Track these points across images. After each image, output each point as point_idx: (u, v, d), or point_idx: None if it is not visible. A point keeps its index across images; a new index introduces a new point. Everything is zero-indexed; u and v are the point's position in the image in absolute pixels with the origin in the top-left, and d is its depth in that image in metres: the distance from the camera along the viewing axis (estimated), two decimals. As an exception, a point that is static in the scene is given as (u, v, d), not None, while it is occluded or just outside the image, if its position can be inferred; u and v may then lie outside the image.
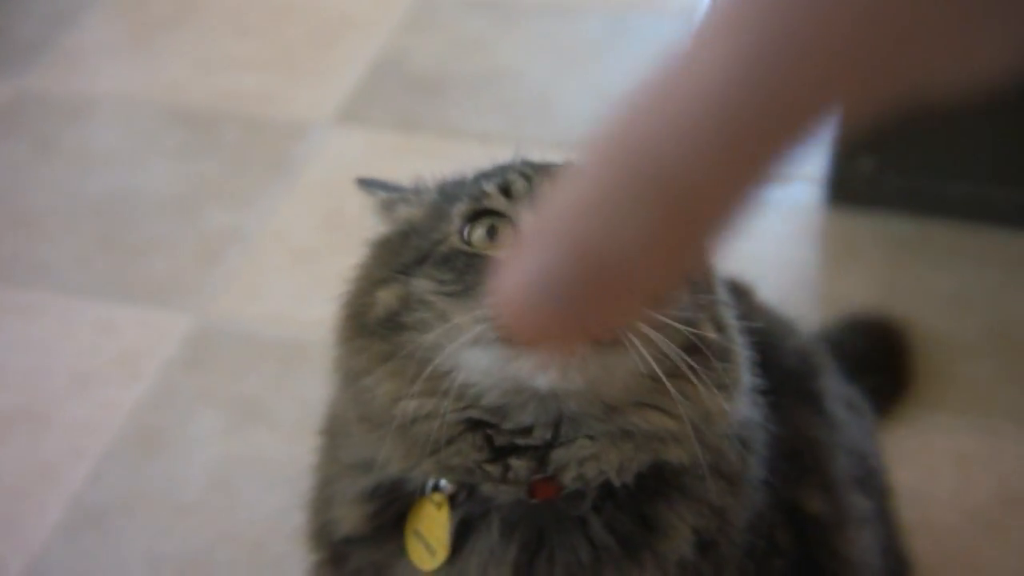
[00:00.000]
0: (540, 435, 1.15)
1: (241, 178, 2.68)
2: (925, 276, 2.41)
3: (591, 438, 1.14)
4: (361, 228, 1.31)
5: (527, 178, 1.17)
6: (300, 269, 2.44)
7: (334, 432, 1.32)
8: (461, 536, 1.20)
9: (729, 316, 1.24)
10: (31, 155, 2.77)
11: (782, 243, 2.50)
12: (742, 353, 1.23)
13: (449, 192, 1.25)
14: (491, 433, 1.15)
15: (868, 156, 2.49)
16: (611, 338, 1.07)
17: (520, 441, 1.15)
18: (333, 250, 2.44)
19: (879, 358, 2.15)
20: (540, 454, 1.15)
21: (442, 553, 1.20)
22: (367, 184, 1.32)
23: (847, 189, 2.55)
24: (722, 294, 1.25)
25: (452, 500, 1.19)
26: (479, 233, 1.15)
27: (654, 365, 1.09)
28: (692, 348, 1.15)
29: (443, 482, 1.19)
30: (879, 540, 1.58)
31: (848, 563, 1.46)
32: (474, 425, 1.15)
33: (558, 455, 1.15)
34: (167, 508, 2.01)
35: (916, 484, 1.99)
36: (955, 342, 2.28)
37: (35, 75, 3.01)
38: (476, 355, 1.10)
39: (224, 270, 2.44)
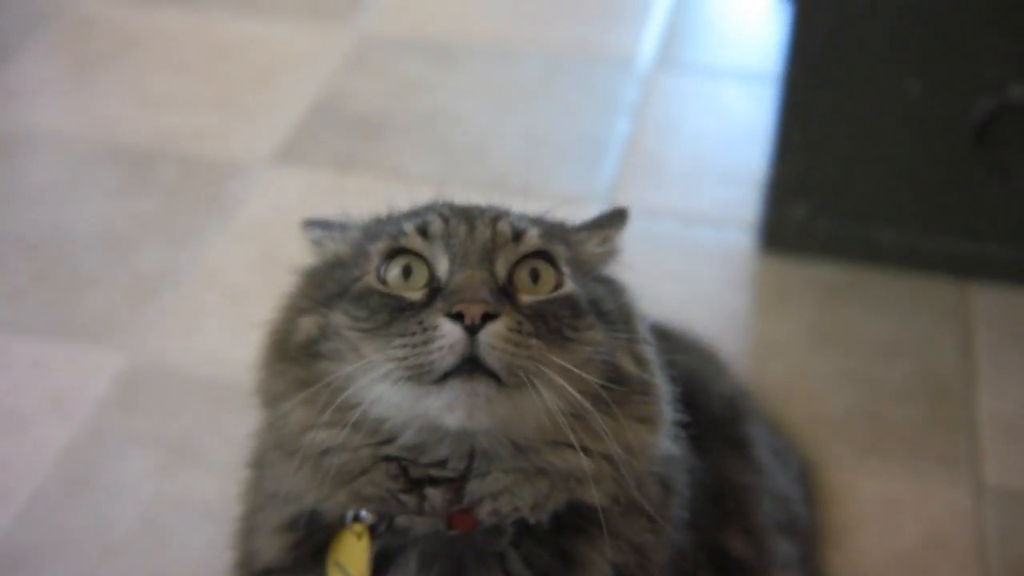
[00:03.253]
0: (454, 467, 1.16)
1: (176, 217, 2.67)
2: (856, 322, 2.44)
3: (505, 472, 1.16)
4: (295, 270, 1.32)
5: (445, 220, 1.20)
6: (233, 309, 2.44)
7: (260, 463, 1.33)
8: (380, 568, 1.21)
9: (649, 352, 1.26)
10: (-36, 190, 2.75)
11: (715, 288, 2.51)
12: (663, 387, 1.25)
13: (373, 230, 1.29)
14: (406, 464, 1.16)
15: (800, 202, 2.51)
16: (516, 380, 1.09)
17: (434, 472, 1.16)
18: (267, 290, 2.36)
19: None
20: (456, 486, 1.17)
21: None
22: (311, 225, 1.35)
23: (779, 235, 2.57)
24: (642, 330, 1.27)
25: (372, 531, 1.21)
26: (395, 272, 1.19)
27: (564, 404, 1.11)
28: (612, 382, 1.17)
29: (363, 513, 1.20)
30: (803, 585, 1.60)
31: (772, 608, 1.47)
32: (388, 457, 1.16)
33: (473, 487, 1.17)
34: (96, 548, 1.99)
35: (844, 527, 2.01)
36: (885, 387, 2.30)
37: (-32, 108, 2.99)
38: (389, 393, 1.13)
39: (157, 309, 2.43)
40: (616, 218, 1.36)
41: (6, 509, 2.05)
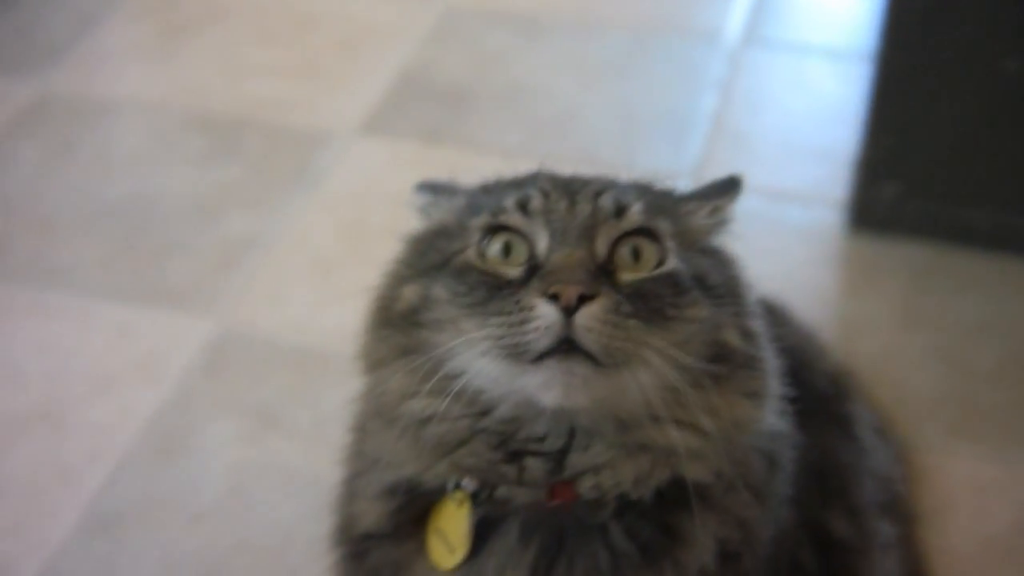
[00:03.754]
0: (553, 442, 1.15)
1: (263, 185, 2.68)
2: (946, 303, 2.41)
3: (607, 447, 1.15)
4: (382, 239, 1.32)
5: (545, 195, 1.18)
6: (320, 278, 2.44)
7: (362, 427, 1.33)
8: (481, 537, 1.21)
9: (757, 325, 1.24)
10: (52, 158, 2.76)
11: (803, 266, 2.49)
12: (770, 361, 1.23)
13: (475, 202, 1.27)
14: (505, 437, 1.16)
15: (891, 181, 2.48)
16: (613, 361, 1.08)
17: (534, 446, 1.16)
18: (353, 260, 2.43)
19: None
20: (556, 458, 1.16)
21: (461, 552, 1.21)
22: (423, 188, 1.34)
23: (869, 214, 2.54)
24: (750, 303, 1.25)
25: (473, 499, 1.20)
26: (495, 248, 1.17)
27: (664, 383, 1.09)
28: (717, 357, 1.15)
29: (464, 481, 1.19)
30: (902, 566, 1.58)
31: (871, 587, 1.46)
32: (487, 430, 1.16)
33: (574, 460, 1.16)
34: (183, 514, 2.00)
35: (935, 510, 1.99)
36: (975, 370, 2.27)
37: (58, 77, 3.01)
38: (487, 367, 1.11)
39: (244, 276, 2.44)
40: (729, 187, 1.33)
41: (95, 473, 2.06)
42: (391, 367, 1.19)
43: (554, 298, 1.08)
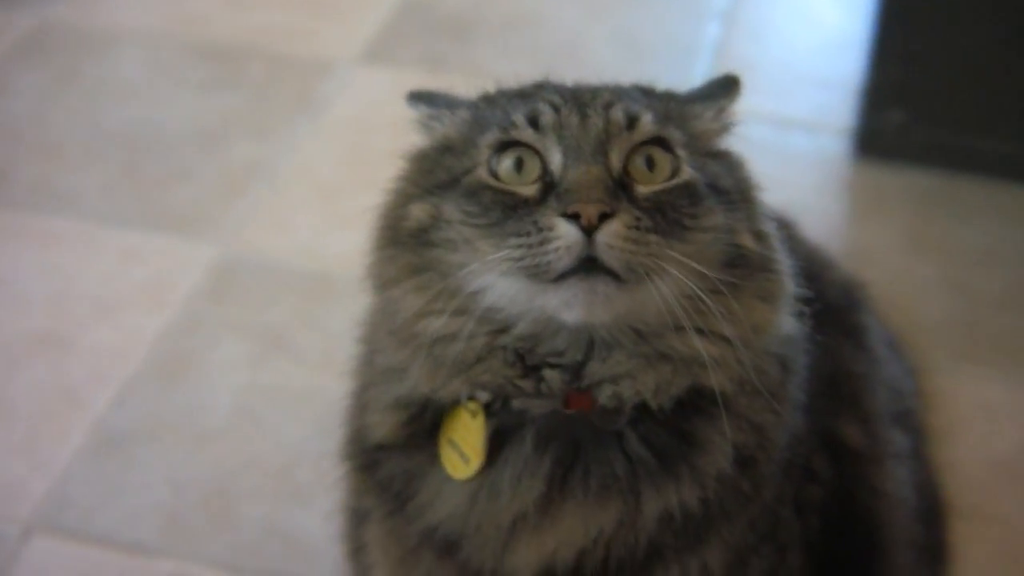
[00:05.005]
0: (572, 356, 1.15)
1: (266, 113, 2.67)
2: (952, 230, 2.40)
3: (627, 357, 1.14)
4: (386, 165, 1.30)
5: (556, 109, 1.16)
6: (323, 204, 2.43)
7: (371, 339, 1.32)
8: (495, 446, 1.20)
9: (769, 226, 1.22)
10: (55, 85, 2.75)
11: (809, 193, 2.49)
12: (784, 262, 1.22)
13: (482, 112, 1.25)
14: (522, 352, 1.15)
15: (897, 109, 2.48)
16: (635, 276, 1.07)
17: (552, 359, 1.15)
18: (357, 186, 2.42)
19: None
20: (574, 368, 1.15)
21: (476, 461, 1.20)
22: (416, 96, 1.31)
23: (875, 141, 2.54)
24: (761, 204, 1.24)
25: (487, 409, 1.19)
26: (506, 165, 1.14)
27: (684, 293, 1.09)
28: (733, 262, 1.15)
29: (479, 392, 1.18)
30: (915, 477, 1.58)
31: (884, 497, 1.46)
32: (504, 347, 1.15)
33: (592, 370, 1.15)
34: (191, 435, 2.00)
35: (944, 430, 1.99)
36: (981, 295, 2.27)
37: (60, 6, 2.99)
38: (504, 285, 1.10)
39: (248, 202, 2.43)
40: (728, 86, 1.31)
41: (101, 394, 2.06)
42: (402, 286, 1.18)
43: (574, 217, 1.06)
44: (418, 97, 1.31)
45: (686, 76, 2.75)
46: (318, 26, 2.94)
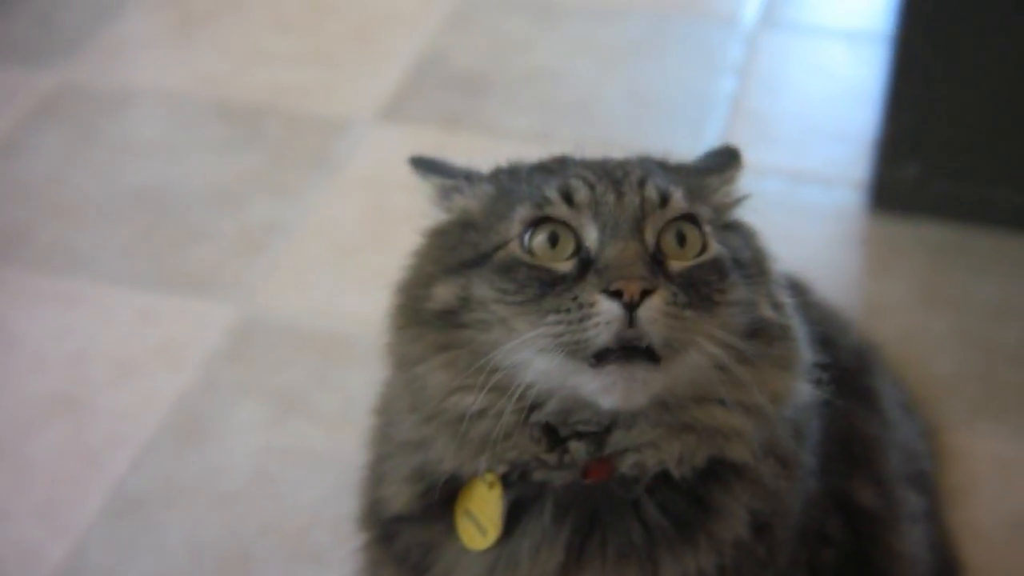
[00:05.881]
0: (597, 426, 1.15)
1: (283, 172, 2.68)
2: (968, 283, 2.40)
3: (652, 427, 1.15)
4: (403, 224, 1.30)
5: (591, 186, 1.17)
6: (342, 263, 2.44)
7: (387, 411, 1.32)
8: (512, 517, 1.21)
9: (784, 295, 1.24)
10: (73, 145, 2.77)
11: (824, 247, 2.49)
12: (800, 329, 1.23)
13: (505, 186, 1.25)
14: (552, 426, 1.15)
15: (912, 161, 2.48)
16: (671, 352, 1.08)
17: (580, 428, 1.15)
18: (374, 245, 2.44)
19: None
20: (598, 438, 1.16)
21: (493, 533, 1.20)
22: (420, 164, 1.31)
23: (890, 194, 2.54)
24: (776, 273, 1.25)
25: (504, 480, 1.20)
26: (540, 240, 1.15)
27: (713, 365, 1.10)
28: (754, 333, 1.15)
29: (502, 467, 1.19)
30: (930, 537, 1.58)
31: (900, 558, 1.46)
32: (533, 423, 1.15)
33: (616, 439, 1.15)
34: (208, 498, 2.01)
35: (960, 487, 1.99)
36: (997, 349, 2.26)
37: (78, 66, 3.02)
38: (540, 362, 1.11)
39: (266, 262, 2.44)
40: (733, 157, 1.33)
41: (120, 457, 2.07)
42: (429, 364, 1.18)
43: (616, 294, 1.07)
44: (421, 164, 1.31)
45: (700, 131, 2.76)
46: (334, 84, 2.95)
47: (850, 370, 1.51)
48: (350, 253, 2.46)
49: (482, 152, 1.40)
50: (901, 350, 2.20)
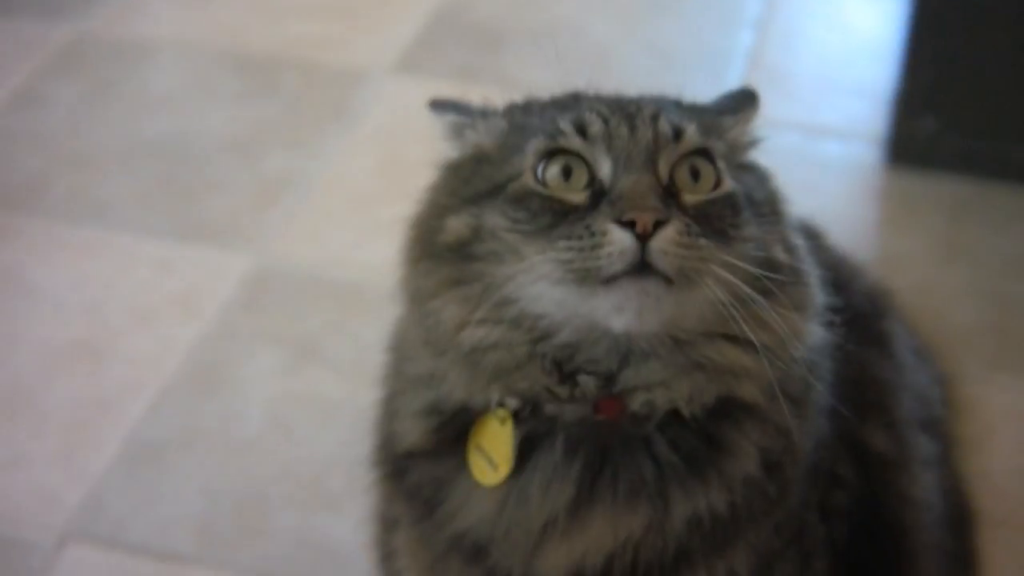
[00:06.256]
0: (608, 363, 1.15)
1: (300, 124, 2.69)
2: (984, 238, 2.40)
3: (663, 366, 1.15)
4: (419, 175, 1.31)
5: (604, 119, 1.17)
6: (358, 214, 2.45)
7: (401, 348, 1.33)
8: (524, 453, 1.21)
9: (797, 238, 1.24)
10: (91, 97, 2.78)
11: (841, 201, 2.49)
12: (813, 272, 1.23)
13: (519, 121, 1.25)
14: (560, 360, 1.16)
15: (930, 116, 2.47)
16: (686, 280, 1.08)
17: (588, 367, 1.16)
18: (390, 196, 2.43)
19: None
20: (608, 375, 1.16)
21: (504, 468, 1.21)
22: (437, 105, 1.32)
23: (907, 149, 2.54)
24: (789, 216, 1.26)
25: (516, 416, 1.20)
26: (554, 172, 1.15)
27: (728, 298, 1.10)
28: (767, 270, 1.16)
29: (508, 399, 1.19)
30: (942, 483, 1.58)
31: (910, 501, 1.46)
32: (543, 354, 1.16)
33: (627, 377, 1.16)
34: (224, 444, 2.02)
35: (975, 438, 1.99)
36: (1012, 302, 2.27)
37: (96, 19, 3.02)
38: (550, 291, 1.11)
39: (282, 213, 2.45)
40: (750, 99, 1.33)
41: (136, 404, 2.08)
42: (443, 298, 1.18)
43: (629, 225, 1.07)
44: (441, 105, 1.32)
45: (718, 85, 2.70)
46: (351, 36, 2.96)
47: (863, 314, 1.51)
48: (366, 204, 2.47)
49: (499, 104, 1.40)
50: (917, 302, 2.19)
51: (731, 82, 2.72)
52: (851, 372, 1.38)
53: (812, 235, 1.50)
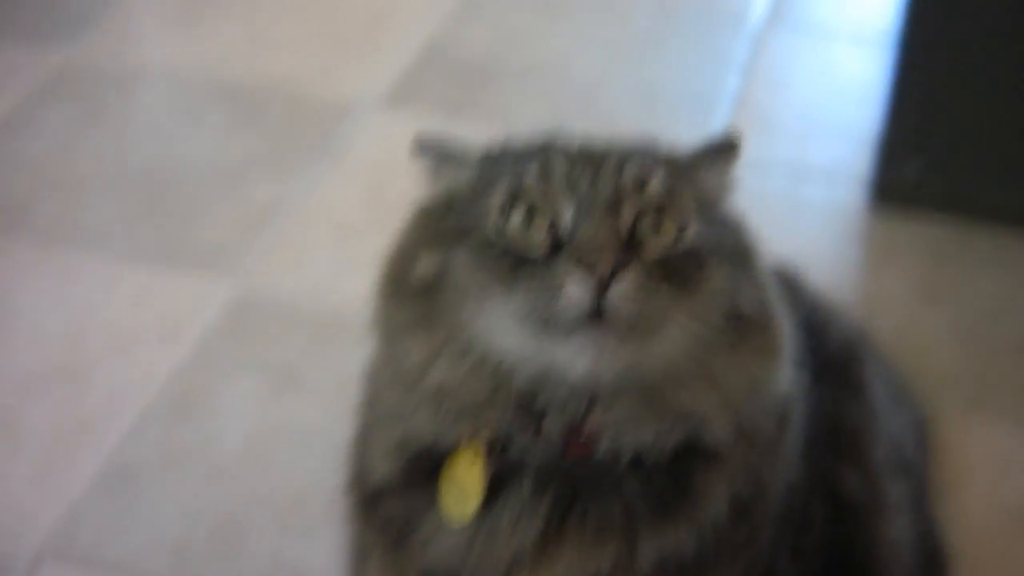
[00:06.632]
0: (573, 407, 1.16)
1: (286, 154, 2.70)
2: (967, 279, 2.41)
3: (627, 409, 1.15)
4: (403, 208, 1.31)
5: (568, 165, 1.18)
6: (341, 244, 2.45)
7: (373, 383, 1.34)
8: (493, 490, 1.21)
9: (769, 287, 1.25)
10: (78, 122, 2.78)
11: (825, 243, 2.50)
12: (783, 319, 1.23)
13: (490, 167, 1.26)
14: (525, 401, 1.16)
15: (914, 159, 2.48)
16: (643, 329, 1.08)
17: (553, 408, 1.16)
18: (374, 227, 2.44)
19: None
20: (575, 417, 1.16)
21: (474, 504, 1.21)
22: (421, 142, 1.32)
23: (891, 192, 2.55)
24: (761, 265, 1.26)
25: (487, 454, 1.20)
26: (516, 220, 1.16)
27: (688, 348, 1.10)
28: (733, 321, 1.16)
29: (479, 437, 1.20)
30: (916, 527, 1.59)
31: (883, 545, 1.47)
32: (507, 394, 1.16)
33: (592, 419, 1.16)
34: (202, 469, 2.02)
35: (954, 480, 1.99)
36: (994, 345, 2.28)
37: (85, 45, 3.03)
38: (513, 336, 1.12)
39: (266, 241, 2.45)
40: (729, 149, 1.33)
41: (115, 428, 2.08)
42: (409, 335, 1.19)
43: (587, 272, 1.07)
44: (425, 145, 1.32)
45: (704, 126, 2.76)
46: (339, 68, 2.96)
47: (838, 359, 1.52)
48: (350, 235, 2.47)
49: (485, 141, 1.40)
50: (899, 344, 2.20)
51: (717, 124, 2.75)
52: (825, 417, 1.39)
53: (788, 280, 1.51)
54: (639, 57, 3.03)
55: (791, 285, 1.57)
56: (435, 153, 1.30)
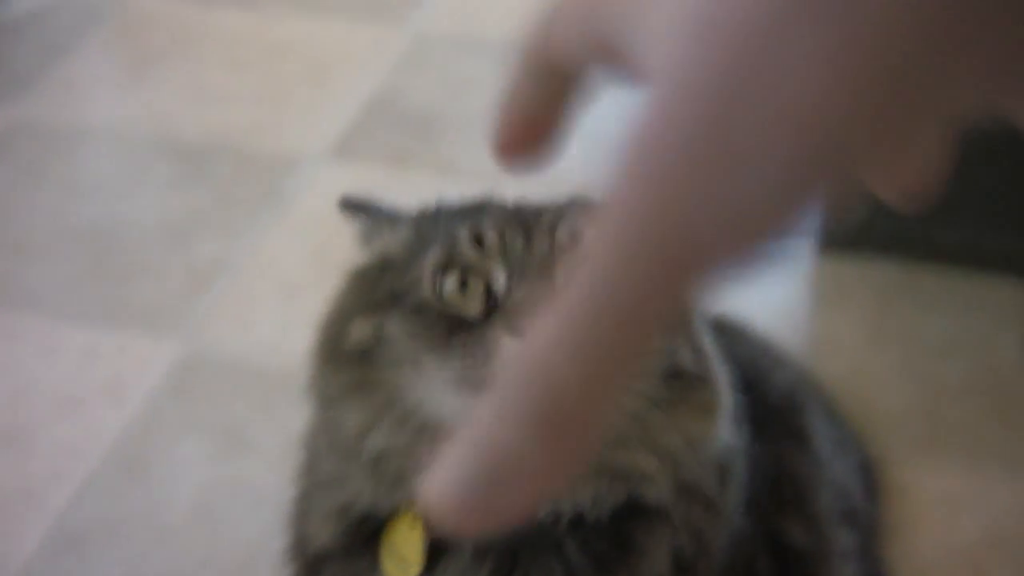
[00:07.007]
0: None
1: (231, 210, 2.68)
2: (914, 320, 2.41)
3: None
4: (349, 264, 1.31)
5: (501, 230, 1.17)
6: (287, 301, 2.44)
7: (311, 448, 1.33)
8: (434, 555, 1.20)
9: (706, 342, 1.24)
10: (21, 182, 2.77)
11: (769, 287, 2.50)
12: (721, 376, 1.23)
13: (424, 229, 1.25)
14: None
15: (860, 199, 2.49)
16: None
17: None
18: (321, 283, 2.36)
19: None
20: None
21: (415, 570, 1.20)
22: (349, 205, 1.32)
23: (837, 233, 2.55)
24: (697, 319, 1.26)
25: (426, 519, 1.19)
26: (450, 285, 1.15)
27: (624, 407, 1.10)
28: (671, 378, 1.16)
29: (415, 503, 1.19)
30: (865, 572, 1.58)
31: (831, 597, 1.46)
32: None
33: None
34: (150, 532, 2.00)
35: (903, 522, 1.99)
36: (942, 386, 2.27)
37: (28, 104, 3.01)
38: (449, 401, 1.11)
39: (211, 299, 2.44)
40: None
41: (60, 492, 2.06)
42: (345, 402, 1.19)
43: (518, 335, 1.07)
44: (352, 205, 1.32)
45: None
46: (285, 123, 2.96)
47: (781, 409, 1.52)
48: (296, 292, 2.46)
49: (434, 190, 1.40)
50: (847, 387, 2.21)
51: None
52: (768, 468, 1.38)
53: (730, 330, 1.51)
54: (587, 106, 3.04)
55: (734, 333, 1.57)
56: (366, 217, 1.30)
